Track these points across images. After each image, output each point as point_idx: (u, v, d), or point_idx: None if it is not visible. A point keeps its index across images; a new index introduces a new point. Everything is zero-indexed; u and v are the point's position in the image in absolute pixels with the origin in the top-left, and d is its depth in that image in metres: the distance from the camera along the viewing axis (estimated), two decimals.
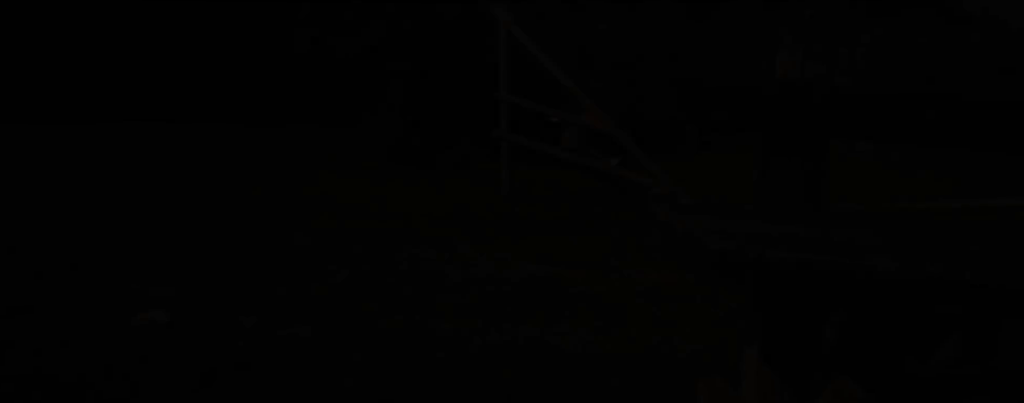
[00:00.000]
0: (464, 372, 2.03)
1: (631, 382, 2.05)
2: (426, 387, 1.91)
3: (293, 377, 1.87)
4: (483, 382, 1.98)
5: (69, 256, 3.07)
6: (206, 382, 1.79)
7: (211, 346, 1.99)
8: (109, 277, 2.87)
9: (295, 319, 2.42)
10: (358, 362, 2.03)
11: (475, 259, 4.45)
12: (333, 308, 2.65)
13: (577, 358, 2.23)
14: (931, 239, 1.40)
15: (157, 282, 2.83)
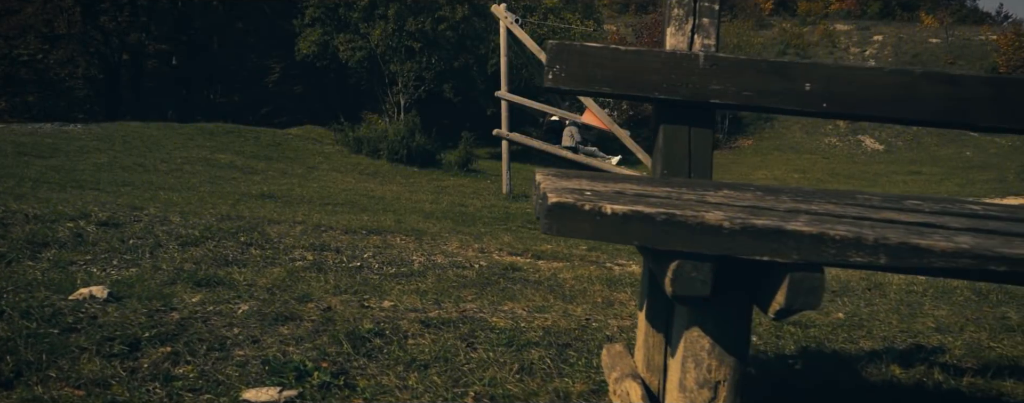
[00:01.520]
0: (387, 343, 2.08)
1: (548, 353, 2.09)
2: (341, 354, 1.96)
3: (210, 346, 1.92)
4: (402, 350, 2.03)
5: (30, 239, 3.14)
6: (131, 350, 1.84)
7: (143, 320, 2.05)
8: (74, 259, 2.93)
9: (239, 298, 2.47)
10: (285, 334, 2.08)
11: (451, 250, 4.49)
12: (281, 289, 2.70)
13: (502, 331, 2.27)
14: (778, 200, 1.44)
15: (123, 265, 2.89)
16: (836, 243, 1.21)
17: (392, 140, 17.61)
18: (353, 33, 25.84)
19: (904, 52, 41.74)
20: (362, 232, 4.92)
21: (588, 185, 1.42)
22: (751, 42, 38.56)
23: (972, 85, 1.64)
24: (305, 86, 32.45)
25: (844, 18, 51.68)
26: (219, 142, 15.24)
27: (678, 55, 1.69)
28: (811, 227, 1.22)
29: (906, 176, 24.27)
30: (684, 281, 1.24)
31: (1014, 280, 1.22)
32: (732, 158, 29.64)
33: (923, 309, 3.28)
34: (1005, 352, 2.46)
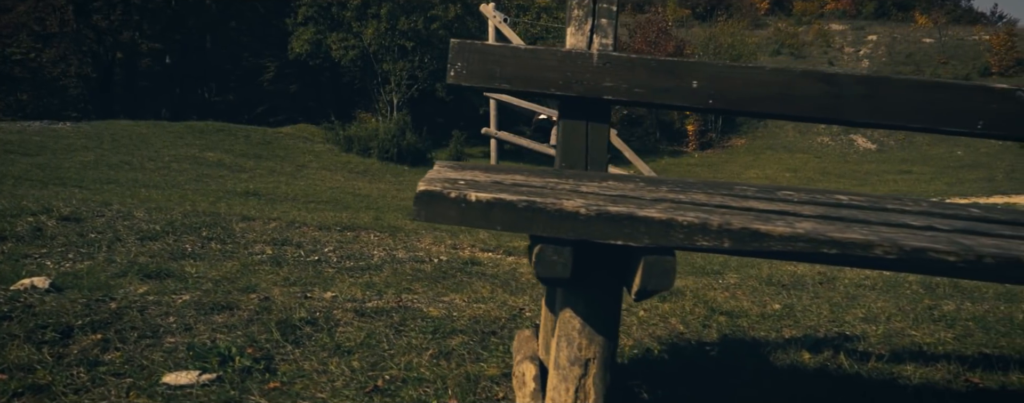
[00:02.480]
0: (317, 331, 2.17)
1: (471, 339, 2.18)
2: (270, 341, 2.05)
3: (142, 334, 2.01)
4: (330, 338, 2.12)
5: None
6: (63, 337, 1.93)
7: (79, 309, 2.14)
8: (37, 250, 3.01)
9: (185, 289, 2.56)
10: (219, 323, 2.17)
11: (422, 246, 4.58)
12: (229, 281, 2.79)
13: (433, 320, 2.36)
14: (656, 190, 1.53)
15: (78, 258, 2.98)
16: (684, 228, 1.30)
17: (383, 139, 17.72)
18: (346, 32, 25.94)
19: (898, 52, 41.87)
20: (336, 228, 5.00)
21: (470, 175, 1.51)
22: (745, 42, 38.67)
23: (847, 84, 1.74)
24: (300, 85, 32.53)
25: (839, 18, 51.77)
26: (209, 140, 15.34)
27: (573, 54, 1.78)
28: (662, 214, 1.31)
29: (896, 175, 24.40)
30: (546, 264, 1.33)
31: (845, 262, 1.31)
32: (725, 157, 29.80)
33: (861, 301, 3.37)
34: (920, 339, 2.56)
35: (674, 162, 28.01)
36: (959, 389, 2.06)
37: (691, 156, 29.77)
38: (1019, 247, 1.30)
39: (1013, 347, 2.47)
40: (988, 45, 36.87)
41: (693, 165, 27.47)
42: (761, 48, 41.47)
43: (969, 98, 1.71)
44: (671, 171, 24.95)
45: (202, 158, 13.01)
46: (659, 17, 36.37)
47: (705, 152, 30.29)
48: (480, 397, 1.78)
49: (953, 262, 1.28)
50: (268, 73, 32.93)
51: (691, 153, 30.28)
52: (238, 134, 17.10)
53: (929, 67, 38.04)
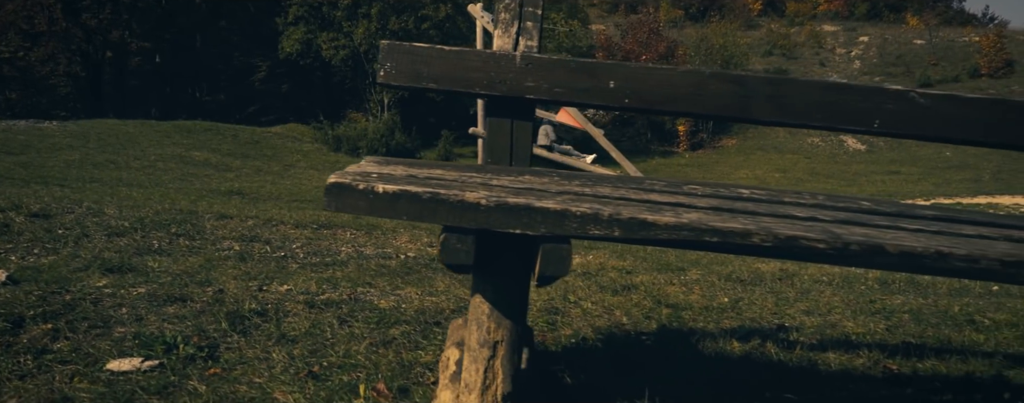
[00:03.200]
0: (265, 321, 2.26)
1: (414, 329, 2.27)
2: (218, 331, 2.13)
3: (93, 324, 2.10)
4: (277, 327, 2.21)
5: None
6: (14, 328, 2.02)
7: (33, 300, 2.22)
8: None
9: (144, 283, 2.64)
10: (170, 314, 2.26)
11: (397, 243, 4.66)
12: (189, 275, 2.87)
13: (381, 311, 2.45)
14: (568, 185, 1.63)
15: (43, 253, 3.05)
16: (577, 218, 1.40)
17: (371, 138, 17.81)
18: (336, 32, 26.00)
19: (888, 53, 42.11)
20: (312, 226, 5.08)
21: (389, 170, 1.60)
22: (737, 42, 38.82)
23: (754, 85, 1.83)
24: (292, 84, 32.57)
25: (832, 19, 51.98)
26: (196, 140, 15.40)
27: (497, 55, 1.88)
28: (558, 205, 1.41)
29: (885, 176, 24.57)
30: (450, 251, 1.42)
31: (727, 249, 1.40)
32: (716, 158, 29.95)
33: (811, 296, 3.48)
34: (852, 330, 2.66)
35: (665, 162, 28.14)
36: (875, 375, 2.16)
37: (682, 156, 29.91)
38: (885, 236, 1.40)
39: (936, 337, 2.57)
40: (978, 46, 37.10)
41: (683, 165, 27.61)
42: (753, 49, 41.62)
43: (866, 99, 1.81)
44: (661, 171, 25.07)
45: (188, 157, 13.07)
46: (650, 18, 36.49)
47: (696, 152, 30.43)
48: (410, 381, 1.87)
49: (823, 249, 1.37)
50: (259, 73, 32.96)
51: (682, 153, 30.42)
52: (226, 133, 17.15)
53: (919, 68, 38.28)
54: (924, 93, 1.81)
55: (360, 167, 1.63)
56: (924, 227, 1.53)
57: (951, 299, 3.47)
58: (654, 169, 25.19)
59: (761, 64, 39.78)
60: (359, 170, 1.57)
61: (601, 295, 3.11)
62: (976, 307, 3.10)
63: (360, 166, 1.66)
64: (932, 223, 1.59)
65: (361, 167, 1.63)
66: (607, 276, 3.81)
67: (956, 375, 2.15)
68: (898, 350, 2.39)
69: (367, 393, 1.73)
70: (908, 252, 1.36)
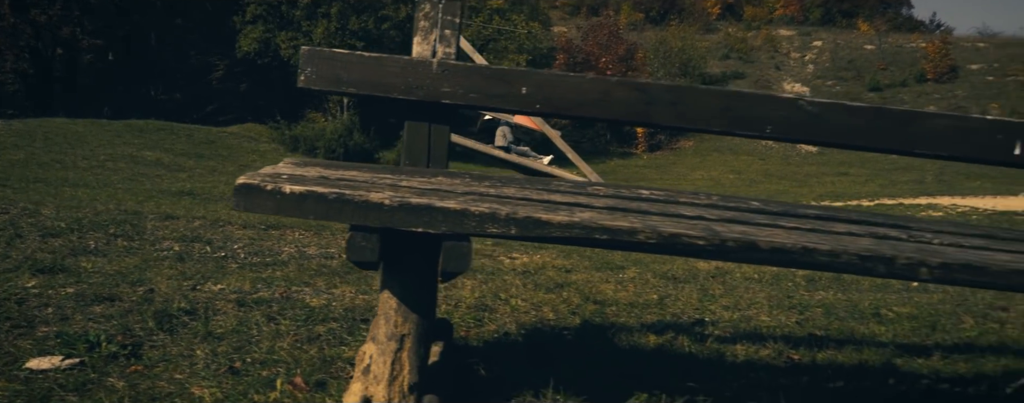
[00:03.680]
0: (193, 319, 2.30)
1: (341, 326, 2.34)
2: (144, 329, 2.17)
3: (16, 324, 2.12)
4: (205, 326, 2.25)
5: None
6: None
7: None
8: None
9: (75, 283, 2.65)
10: (97, 313, 2.28)
11: (335, 244, 4.70)
12: (123, 275, 2.88)
13: (311, 309, 2.51)
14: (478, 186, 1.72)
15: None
16: (476, 217, 1.48)
17: (329, 139, 17.71)
18: (295, 31, 25.74)
19: (841, 58, 43.23)
20: (260, 227, 5.09)
21: (300, 171, 1.67)
22: (696, 46, 39.49)
23: (657, 92, 1.95)
24: (250, 84, 32.08)
25: (787, 24, 53.09)
26: (148, 139, 15.12)
27: (415, 62, 1.96)
28: (459, 204, 1.49)
29: (835, 177, 25.27)
30: (355, 249, 1.50)
31: (616, 246, 1.51)
32: (673, 159, 30.43)
33: (737, 292, 3.63)
34: (766, 324, 2.80)
35: (623, 163, 28.49)
36: (778, 364, 2.30)
37: (640, 158, 30.32)
38: (760, 233, 1.52)
39: (841, 329, 2.73)
40: (924, 52, 38.31)
41: (642, 166, 28.00)
42: (711, 52, 42.32)
43: (759, 106, 1.93)
44: (620, 172, 25.39)
45: (140, 157, 12.85)
46: (611, 20, 36.90)
47: (654, 154, 30.88)
48: (329, 375, 1.93)
49: (702, 245, 1.49)
50: (217, 71, 32.40)
51: (640, 154, 30.84)
52: (180, 133, 16.88)
53: (869, 73, 39.37)
54: (812, 101, 1.94)
55: (275, 168, 1.69)
56: (800, 225, 1.66)
57: (870, 295, 3.66)
58: (613, 170, 25.50)
59: (718, 67, 40.51)
60: (272, 171, 1.63)
61: (534, 293, 3.21)
62: (885, 302, 3.28)
63: (276, 167, 1.73)
64: (809, 221, 1.71)
65: (276, 168, 1.70)
66: (545, 275, 3.91)
67: (850, 363, 2.30)
68: (803, 342, 2.54)
69: (283, 387, 1.79)
70: (778, 248, 1.48)
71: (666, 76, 36.04)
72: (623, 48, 34.08)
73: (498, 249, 5.40)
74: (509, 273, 3.94)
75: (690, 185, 22.95)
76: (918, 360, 2.39)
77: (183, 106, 29.01)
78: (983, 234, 1.74)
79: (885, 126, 1.91)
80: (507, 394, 1.83)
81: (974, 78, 36.15)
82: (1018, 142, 1.89)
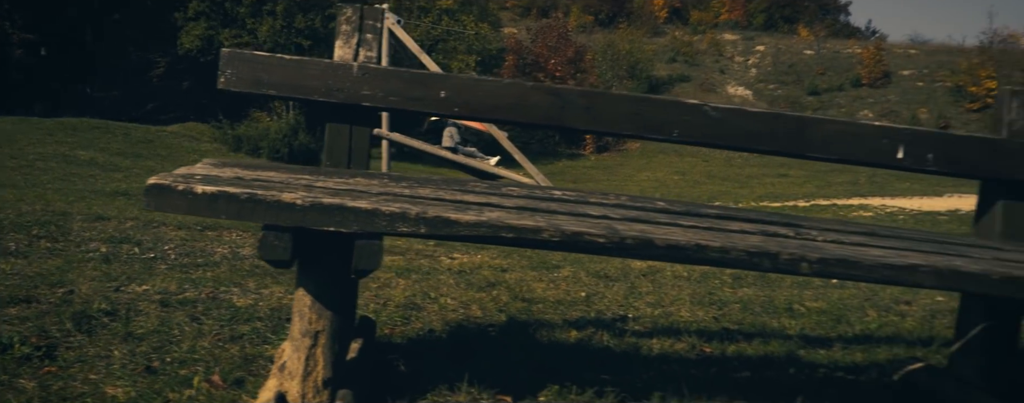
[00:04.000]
0: (113, 320, 2.28)
1: (266, 325, 2.35)
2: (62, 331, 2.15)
3: None
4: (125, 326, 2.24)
5: None
6: None
7: None
8: None
9: None
10: (12, 315, 2.25)
11: None
12: (44, 277, 2.83)
13: (236, 309, 2.51)
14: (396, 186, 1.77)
15: None
16: (386, 216, 1.54)
17: (274, 139, 17.41)
18: (239, 28, 25.22)
19: (782, 62, 44.54)
20: (197, 228, 5.01)
21: (216, 172, 1.70)
22: (643, 49, 40.18)
23: (571, 97, 2.03)
24: (193, 81, 31.24)
25: (732, 28, 54.34)
26: (82, 138, 14.62)
27: (335, 65, 2.00)
28: (370, 204, 1.54)
29: (775, 178, 26.04)
30: (268, 248, 1.54)
31: (522, 244, 1.58)
32: (620, 160, 30.90)
33: (664, 289, 3.76)
34: (685, 319, 2.92)
35: (572, 164, 28.79)
36: (690, 357, 2.41)
37: (588, 159, 30.68)
38: (658, 232, 1.61)
39: (754, 323, 2.87)
40: (860, 58, 39.80)
41: (589, 167, 28.34)
42: (658, 55, 43.08)
43: (666, 110, 2.04)
44: (568, 173, 25.65)
45: (73, 156, 12.42)
46: (560, 23, 37.23)
47: (601, 155, 31.29)
48: (249, 373, 1.96)
49: (603, 243, 1.57)
50: (158, 69, 31.47)
51: (588, 156, 31.20)
52: (117, 132, 16.36)
53: (808, 77, 40.65)
54: (715, 107, 2.05)
55: (191, 169, 1.72)
56: (698, 224, 1.76)
57: (789, 291, 3.83)
58: (561, 171, 25.75)
59: (665, 70, 41.27)
60: (187, 171, 1.66)
61: (465, 292, 3.27)
62: (800, 297, 3.45)
63: (192, 168, 1.75)
64: (708, 220, 1.82)
65: (192, 169, 1.72)
66: (480, 274, 3.97)
67: (757, 355, 2.43)
68: (717, 336, 2.66)
69: (200, 384, 1.81)
70: (673, 245, 1.58)
71: (614, 78, 36.55)
72: (572, 50, 34.44)
73: (439, 250, 5.44)
74: (445, 273, 3.99)
75: (636, 186, 23.34)
76: (821, 351, 2.54)
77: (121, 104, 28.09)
78: (864, 232, 1.88)
79: (781, 131, 2.03)
80: (424, 388, 1.88)
81: (905, 83, 37.72)
82: (901, 146, 2.03)
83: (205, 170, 1.72)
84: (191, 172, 1.65)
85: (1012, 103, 2.11)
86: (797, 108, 37.21)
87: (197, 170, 1.70)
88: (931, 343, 2.65)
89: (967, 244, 1.89)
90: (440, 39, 28.87)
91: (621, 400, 1.90)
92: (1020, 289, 1.58)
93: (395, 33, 15.12)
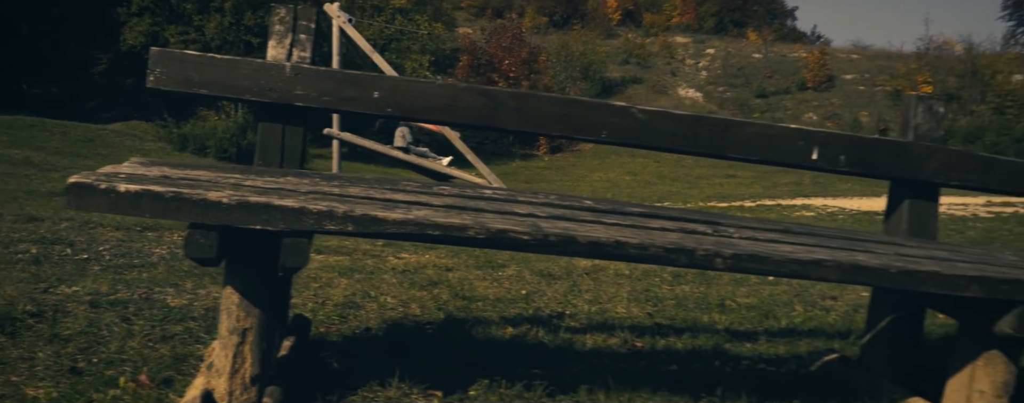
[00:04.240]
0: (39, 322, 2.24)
1: (199, 325, 2.34)
2: None
3: None
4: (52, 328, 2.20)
5: None
6: None
7: None
8: None
9: None
10: None
11: None
12: None
13: (169, 309, 2.49)
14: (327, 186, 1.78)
15: None
16: (314, 215, 1.56)
17: (221, 138, 17.02)
18: (186, 25, 24.61)
19: (731, 65, 45.54)
20: (136, 229, 4.90)
21: (142, 171, 1.69)
22: (596, 50, 40.60)
23: (502, 98, 2.08)
24: (137, 79, 30.32)
25: (683, 31, 55.26)
26: (17, 136, 14.08)
27: (268, 65, 2.01)
28: (298, 203, 1.56)
29: (723, 179, 26.63)
30: (194, 246, 1.54)
31: (448, 241, 1.62)
32: (573, 161, 31.17)
33: (604, 287, 3.84)
34: (621, 315, 3.01)
35: (525, 165, 28.92)
36: (622, 352, 2.49)
37: (542, 159, 30.86)
38: (581, 229, 1.67)
39: (686, 319, 2.97)
40: (805, 62, 40.95)
41: (543, 168, 28.52)
42: (611, 57, 43.56)
43: (595, 112, 2.10)
44: (520, 174, 25.77)
45: (6, 155, 11.97)
46: (514, 23, 37.34)
47: (555, 155, 31.51)
48: (178, 372, 1.95)
49: (527, 240, 1.62)
50: (100, 65, 30.48)
51: (542, 156, 31.38)
52: (54, 130, 15.80)
53: (756, 80, 41.65)
54: (642, 109, 2.13)
55: (117, 168, 1.71)
56: (621, 221, 1.83)
57: (725, 288, 3.95)
58: (515, 171, 25.86)
59: (618, 72, 41.78)
60: (112, 170, 1.65)
61: (407, 290, 3.29)
62: (733, 294, 3.57)
63: (119, 166, 1.74)
64: (631, 218, 1.89)
65: (118, 168, 1.71)
66: (424, 273, 4.00)
67: (686, 349, 2.52)
68: (649, 331, 2.75)
69: (126, 385, 1.80)
70: (595, 242, 1.64)
71: (568, 80, 36.83)
72: (526, 51, 34.56)
73: (387, 250, 5.43)
74: (389, 272, 4.00)
75: (589, 186, 23.57)
76: (747, 345, 2.64)
77: (60, 101, 27.12)
78: (779, 229, 1.97)
79: (705, 133, 2.12)
80: (355, 385, 1.90)
81: (848, 87, 38.98)
82: (816, 148, 2.14)
83: (131, 169, 1.71)
84: (116, 171, 1.65)
85: (918, 108, 2.24)
86: (745, 110, 38.12)
87: (123, 169, 1.70)
88: (849, 335, 2.78)
89: (874, 240, 2.00)
90: (393, 38, 28.67)
91: (549, 394, 1.95)
92: (916, 282, 1.69)
93: (346, 32, 14.98)
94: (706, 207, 15.37)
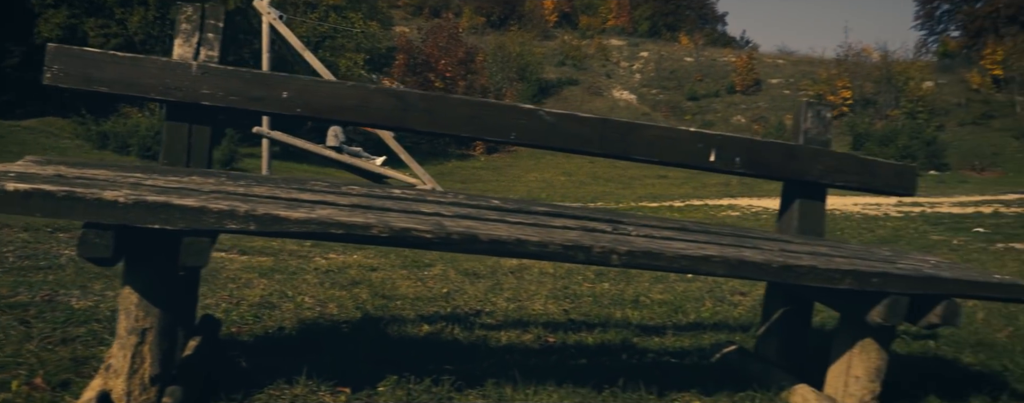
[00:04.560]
0: None
1: (103, 327, 2.29)
2: None
3: None
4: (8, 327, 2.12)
5: None
6: None
7: None
8: None
9: None
10: None
11: None
12: None
13: (74, 311, 2.44)
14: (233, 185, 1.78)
15: None
16: (214, 214, 1.56)
17: (144, 135, 16.44)
18: (107, 18, 23.62)
19: (664, 68, 46.66)
20: (46, 230, 4.71)
21: (36, 170, 1.66)
22: (533, 51, 40.94)
23: (412, 100, 2.12)
24: None
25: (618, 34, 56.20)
26: None
27: (173, 63, 1.99)
28: (198, 202, 1.56)
29: (655, 180, 27.30)
30: (88, 246, 1.52)
31: (352, 240, 1.65)
32: (509, 161, 31.36)
33: (525, 286, 3.91)
34: (537, 311, 3.08)
35: (461, 165, 28.93)
36: (534, 347, 2.56)
37: (478, 159, 30.92)
38: (484, 228, 1.73)
39: (600, 315, 3.07)
40: (734, 66, 42.31)
41: (479, 168, 28.58)
42: (548, 58, 43.96)
43: (505, 114, 2.16)
44: (456, 174, 25.76)
45: None
46: (451, 23, 37.27)
47: (491, 156, 31.61)
48: (77, 375, 1.91)
49: (430, 238, 1.66)
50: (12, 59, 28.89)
51: (478, 157, 31.44)
52: None
53: (688, 83, 42.76)
54: (550, 112, 2.20)
55: (9, 166, 1.67)
56: (524, 220, 1.89)
57: (643, 285, 4.09)
58: (450, 171, 25.83)
59: (554, 73, 42.20)
60: (3, 168, 1.61)
61: (326, 290, 3.29)
62: (649, 290, 3.70)
63: (11, 165, 1.70)
64: (535, 217, 1.96)
65: (10, 166, 1.67)
66: (347, 273, 3.99)
67: (596, 343, 2.61)
68: (563, 327, 2.83)
69: (20, 388, 1.76)
70: (496, 239, 1.69)
71: (504, 80, 37.02)
72: (463, 51, 34.57)
73: (314, 250, 5.38)
74: (311, 272, 3.97)
75: (524, 186, 23.77)
76: (655, 338, 2.75)
77: None
78: (676, 227, 2.08)
79: (609, 135, 2.21)
80: (262, 383, 1.91)
81: (774, 91, 40.47)
82: (713, 150, 2.26)
83: (24, 167, 1.68)
84: (7, 169, 1.61)
85: (808, 113, 2.39)
86: (677, 112, 39.13)
87: (15, 167, 1.66)
88: (751, 328, 2.93)
89: (763, 238, 2.13)
90: (327, 36, 28.21)
91: (457, 388, 2.00)
92: (796, 276, 1.81)
93: (277, 29, 14.67)
94: (637, 207, 15.73)
